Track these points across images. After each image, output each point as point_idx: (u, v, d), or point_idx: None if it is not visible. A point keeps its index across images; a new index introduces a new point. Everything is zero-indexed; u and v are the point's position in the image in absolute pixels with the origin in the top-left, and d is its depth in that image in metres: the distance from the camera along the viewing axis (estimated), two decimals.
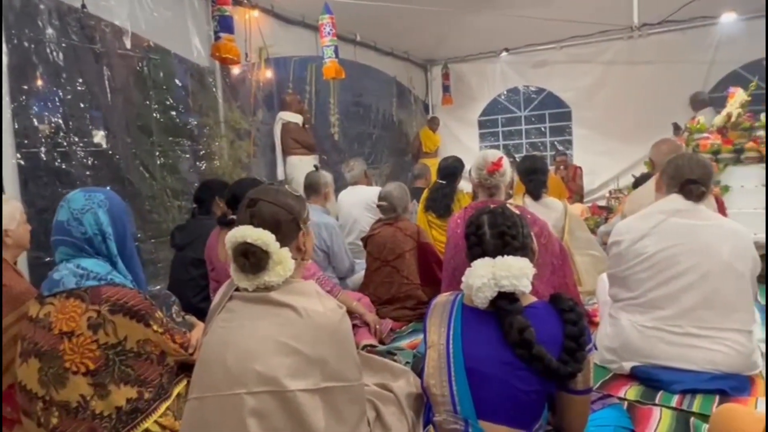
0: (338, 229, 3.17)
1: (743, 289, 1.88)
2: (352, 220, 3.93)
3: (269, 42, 4.66)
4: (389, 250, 2.95)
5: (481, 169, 2.43)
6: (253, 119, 4.68)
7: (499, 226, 1.38)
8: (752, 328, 1.90)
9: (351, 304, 2.46)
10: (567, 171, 6.28)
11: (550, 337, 1.27)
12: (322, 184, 3.19)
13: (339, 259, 3.10)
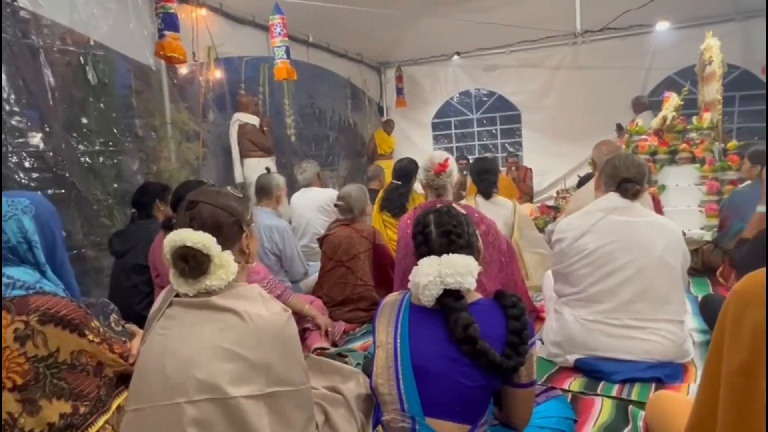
0: (291, 232, 3.13)
1: (675, 282, 1.98)
2: (305, 222, 3.89)
3: (218, 41, 4.55)
4: (344, 250, 2.94)
5: (429, 171, 2.48)
6: (203, 120, 4.55)
7: (444, 225, 1.40)
8: (684, 318, 2.01)
9: (302, 308, 2.43)
10: (518, 172, 6.46)
11: (493, 333, 1.30)
12: (274, 187, 3.13)
13: (292, 263, 3.06)
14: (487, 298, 1.39)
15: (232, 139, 4.60)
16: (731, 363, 0.96)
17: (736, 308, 0.96)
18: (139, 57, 3.88)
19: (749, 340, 0.92)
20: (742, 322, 0.94)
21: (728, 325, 0.98)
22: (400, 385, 1.29)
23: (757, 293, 0.93)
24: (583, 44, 6.23)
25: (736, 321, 0.96)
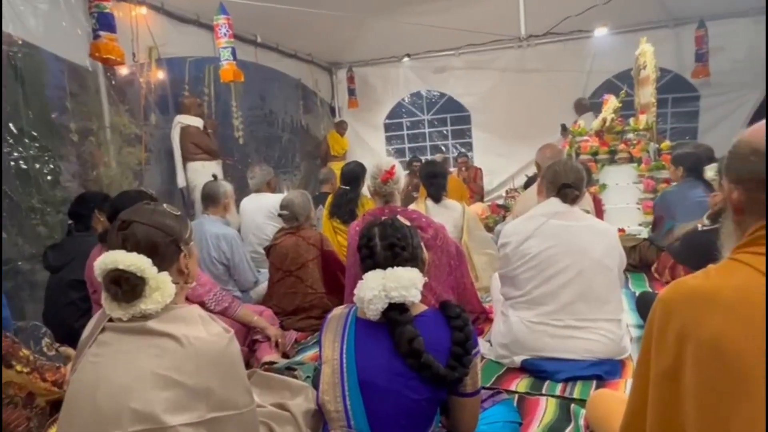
0: (239, 241, 3.05)
1: (612, 283, 2.07)
2: (255, 227, 3.81)
3: (160, 41, 4.37)
4: (292, 259, 2.89)
5: (376, 178, 2.49)
6: (144, 123, 4.37)
7: (389, 237, 1.40)
8: (621, 317, 2.11)
9: (251, 319, 2.37)
10: (468, 172, 6.58)
11: (438, 345, 1.31)
12: (221, 195, 3.05)
13: (241, 272, 2.99)
14: (432, 309, 1.41)
15: (174, 142, 4.43)
16: (658, 367, 1.01)
17: (662, 315, 1.01)
18: (73, 57, 3.67)
19: (673, 346, 0.97)
20: (667, 328, 0.99)
21: (655, 332, 1.03)
22: (347, 402, 1.29)
23: (680, 301, 0.98)
24: (528, 47, 6.41)
25: (661, 328, 1.01)
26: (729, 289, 0.92)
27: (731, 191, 1.01)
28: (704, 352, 0.91)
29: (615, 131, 5.06)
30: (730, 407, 0.88)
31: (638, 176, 4.77)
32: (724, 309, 0.90)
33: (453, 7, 5.47)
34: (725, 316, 0.89)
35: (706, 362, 0.91)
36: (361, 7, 5.43)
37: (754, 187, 0.96)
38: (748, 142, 1.01)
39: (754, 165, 0.96)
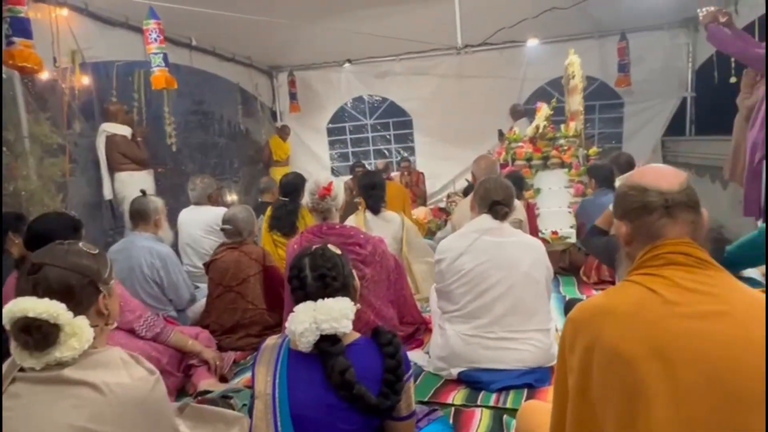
0: (174, 258, 2.94)
1: (540, 295, 2.18)
2: (192, 241, 3.69)
3: (84, 45, 4.13)
4: (232, 275, 2.83)
5: (313, 194, 2.50)
6: (68, 132, 4.11)
7: (319, 268, 1.40)
8: (549, 326, 2.22)
9: (186, 344, 2.30)
10: (411, 177, 6.68)
11: (370, 373, 1.33)
12: (152, 211, 2.92)
13: (176, 291, 2.88)
14: (364, 338, 1.42)
15: (99, 152, 4.20)
16: (572, 382, 1.11)
17: (571, 333, 1.11)
18: None
19: (582, 360, 1.06)
20: (575, 345, 1.09)
21: (567, 350, 1.13)
22: None
23: (586, 318, 1.09)
24: (466, 55, 6.57)
25: (571, 345, 1.10)
26: (625, 304, 1.04)
27: (620, 227, 1.15)
28: (606, 358, 1.01)
29: (547, 138, 5.30)
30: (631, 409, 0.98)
31: (569, 181, 5.02)
32: (621, 320, 1.02)
33: (393, 15, 5.52)
34: (622, 326, 1.01)
35: (609, 367, 1.01)
36: (300, 12, 5.37)
37: (636, 217, 1.10)
38: (626, 181, 1.16)
39: (633, 198, 1.10)
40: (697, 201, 1.11)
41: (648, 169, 1.17)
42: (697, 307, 0.99)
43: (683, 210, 1.08)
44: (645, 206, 1.08)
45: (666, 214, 1.07)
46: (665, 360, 0.96)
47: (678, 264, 1.05)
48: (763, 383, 0.93)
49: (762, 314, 0.99)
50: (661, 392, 0.95)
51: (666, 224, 1.07)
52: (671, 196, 1.07)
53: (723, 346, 0.96)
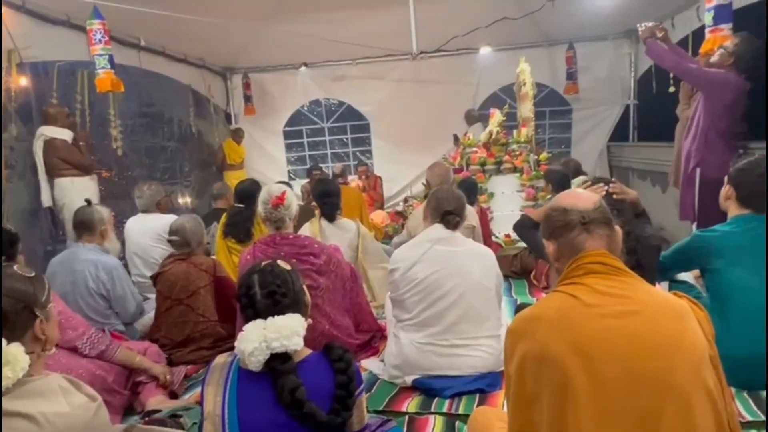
0: (121, 270, 2.84)
1: (491, 302, 2.25)
2: (141, 251, 3.57)
3: (22, 44, 3.92)
4: (182, 287, 2.75)
5: (266, 204, 2.47)
6: (4, 136, 3.88)
7: (269, 285, 1.40)
8: (500, 332, 2.28)
9: (133, 360, 2.22)
10: (368, 180, 6.70)
11: (321, 390, 1.34)
12: (97, 221, 2.80)
13: (123, 304, 2.78)
14: (315, 354, 1.43)
15: (36, 157, 3.99)
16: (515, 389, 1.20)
17: (511, 343, 1.21)
18: None
19: (517, 368, 1.16)
20: (513, 354, 1.18)
21: (508, 359, 1.21)
22: None
23: (521, 327, 1.19)
24: (421, 60, 6.66)
25: (510, 354, 1.21)
26: (551, 310, 1.17)
27: (548, 246, 1.28)
28: (538, 360, 1.12)
29: (500, 143, 5.46)
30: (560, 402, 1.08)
31: (521, 185, 5.19)
32: (548, 324, 1.13)
33: (348, 20, 5.53)
34: (549, 330, 1.12)
35: (540, 368, 1.11)
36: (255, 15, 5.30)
37: (560, 235, 1.24)
38: (549, 206, 1.32)
39: (556, 218, 1.25)
40: (611, 218, 1.25)
41: (567, 193, 1.35)
42: (612, 308, 1.12)
43: (599, 225, 1.22)
44: (567, 224, 1.22)
45: (584, 230, 1.21)
46: (586, 356, 1.07)
47: (596, 272, 1.18)
48: (673, 371, 1.05)
49: (671, 311, 1.13)
50: (584, 385, 1.06)
51: (585, 239, 1.21)
52: (588, 214, 1.21)
53: (636, 340, 1.08)
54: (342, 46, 5.71)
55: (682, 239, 2.35)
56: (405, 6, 4.49)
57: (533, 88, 5.56)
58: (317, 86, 7.33)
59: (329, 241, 3.20)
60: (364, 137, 7.68)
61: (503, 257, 3.88)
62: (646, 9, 5.44)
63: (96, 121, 4.77)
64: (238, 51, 6.56)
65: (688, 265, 2.37)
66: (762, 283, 2.03)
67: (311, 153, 7.85)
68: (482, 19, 5.08)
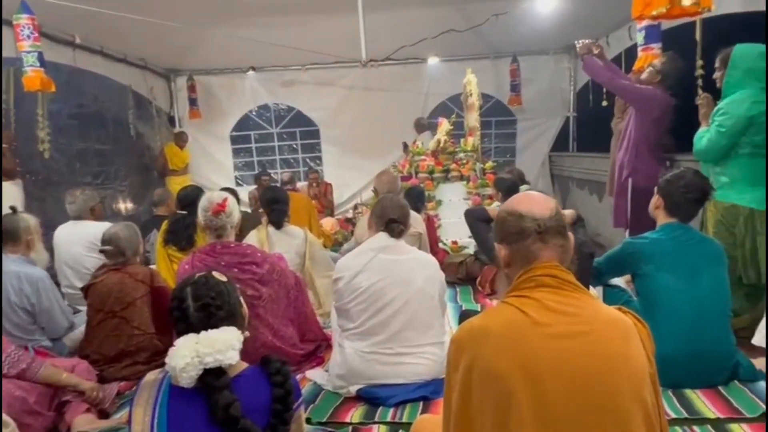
0: (48, 281, 2.64)
1: (435, 309, 2.26)
2: (72, 260, 3.36)
3: None
4: (116, 299, 2.59)
5: (206, 211, 2.40)
6: None
7: (203, 298, 1.34)
8: (444, 339, 2.30)
9: (59, 378, 2.07)
10: (318, 187, 6.64)
11: (258, 404, 1.29)
12: (22, 231, 2.61)
13: (50, 318, 2.59)
14: (252, 367, 1.38)
15: None
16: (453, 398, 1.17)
17: (455, 353, 1.18)
18: None
19: (464, 378, 1.12)
20: (458, 364, 1.15)
21: (451, 367, 1.18)
22: None
23: (467, 339, 1.16)
24: (372, 68, 6.69)
25: (455, 364, 1.17)
26: (498, 324, 1.12)
27: (500, 250, 1.23)
28: (483, 376, 1.09)
29: (448, 151, 5.56)
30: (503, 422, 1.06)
31: (467, 193, 5.30)
32: (495, 340, 1.10)
33: (297, 25, 5.48)
34: (495, 345, 1.09)
35: (485, 385, 1.08)
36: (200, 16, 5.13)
37: (514, 241, 1.19)
38: (503, 208, 1.25)
39: (511, 223, 1.20)
40: (565, 226, 1.22)
41: (523, 196, 1.27)
42: (561, 327, 1.09)
43: (554, 235, 1.18)
44: (521, 231, 1.17)
45: (539, 239, 1.17)
46: (533, 377, 1.05)
47: (547, 286, 1.14)
48: (616, 395, 1.05)
49: (617, 331, 1.12)
50: (529, 406, 1.04)
51: (540, 248, 1.17)
52: (543, 222, 1.16)
53: (584, 362, 1.06)
54: (291, 51, 5.64)
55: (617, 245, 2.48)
56: (354, 14, 4.49)
57: (479, 98, 5.72)
58: (266, 91, 7.22)
59: (276, 248, 3.14)
60: (314, 143, 7.62)
61: (449, 264, 3.95)
62: (583, 27, 5.72)
63: (22, 122, 4.46)
64: (183, 52, 6.34)
65: (620, 270, 2.48)
66: (686, 286, 2.17)
67: (259, 158, 7.70)
68: (430, 30, 5.18)
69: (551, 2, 4.32)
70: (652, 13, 1.66)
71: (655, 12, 1.65)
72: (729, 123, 2.60)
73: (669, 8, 1.63)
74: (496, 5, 4.71)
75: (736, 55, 2.62)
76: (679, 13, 1.67)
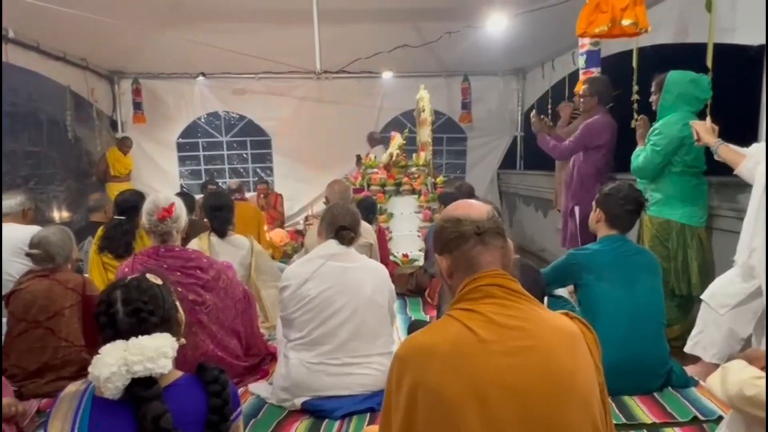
0: None
1: (383, 319, 2.23)
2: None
3: None
4: (41, 307, 2.39)
5: (152, 215, 2.28)
6: None
7: (133, 302, 1.24)
8: (392, 349, 2.26)
9: None
10: (268, 198, 6.49)
11: (192, 415, 1.20)
12: None
13: None
14: (187, 375, 1.28)
15: None
16: (396, 419, 1.10)
17: (398, 371, 1.12)
18: None
19: (407, 396, 1.07)
20: (401, 384, 1.09)
21: (394, 386, 1.12)
22: None
23: (411, 356, 1.11)
24: (326, 80, 6.68)
25: (398, 383, 1.11)
26: (444, 343, 1.07)
27: (441, 262, 1.19)
28: (429, 396, 1.04)
29: (400, 165, 5.58)
30: None
31: (419, 206, 5.34)
32: (441, 360, 1.05)
33: (251, 32, 5.38)
34: (442, 366, 1.04)
35: (431, 406, 1.03)
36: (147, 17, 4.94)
37: (455, 247, 1.16)
38: (440, 218, 1.23)
39: (450, 229, 1.16)
40: (503, 228, 1.20)
41: (458, 203, 1.25)
42: (508, 343, 1.06)
43: (493, 236, 1.16)
44: (461, 235, 1.15)
45: (479, 241, 1.14)
46: (482, 398, 1.01)
47: (493, 296, 1.11)
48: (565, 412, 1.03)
49: (565, 341, 1.09)
50: (477, 427, 1.00)
51: (481, 251, 1.14)
52: (482, 224, 1.14)
53: (531, 379, 1.03)
54: (244, 58, 5.53)
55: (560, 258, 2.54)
56: (310, 25, 4.47)
57: (432, 114, 5.80)
58: (216, 98, 7.03)
59: (219, 258, 3.01)
60: (265, 153, 7.47)
61: (400, 276, 3.94)
62: (531, 51, 5.99)
63: None
64: (128, 54, 6.07)
65: (564, 281, 2.55)
66: (623, 294, 2.25)
67: (207, 167, 7.46)
68: (385, 44, 5.23)
69: (501, 25, 4.46)
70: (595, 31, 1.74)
71: (597, 30, 1.73)
72: (663, 142, 2.76)
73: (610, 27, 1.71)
74: (450, 24, 4.82)
75: (669, 81, 2.80)
76: (618, 32, 1.76)
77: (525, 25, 4.46)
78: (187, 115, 7.10)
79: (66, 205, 5.80)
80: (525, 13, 4.12)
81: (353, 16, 4.92)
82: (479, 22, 4.57)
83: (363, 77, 6.72)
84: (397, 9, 4.69)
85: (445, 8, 4.58)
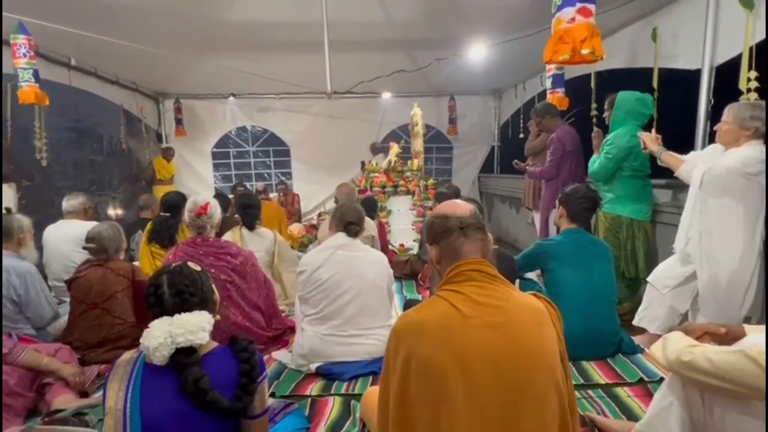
0: (35, 275, 2.41)
1: (383, 298, 2.23)
2: (60, 255, 3.09)
3: None
4: (98, 292, 2.39)
5: (191, 212, 2.30)
6: None
7: (177, 285, 1.25)
8: (390, 322, 2.27)
9: (40, 362, 1.88)
10: (287, 197, 6.49)
11: (225, 379, 1.21)
12: (15, 229, 2.38)
13: (36, 308, 2.36)
14: (221, 346, 1.29)
15: None
16: (392, 383, 1.11)
17: (394, 342, 1.12)
18: None
19: (402, 366, 1.07)
20: (398, 354, 1.10)
21: (391, 355, 1.12)
22: None
23: (406, 330, 1.11)
24: (336, 99, 6.66)
25: (394, 353, 1.11)
26: (433, 319, 1.08)
27: (431, 251, 1.22)
28: (421, 368, 1.04)
29: (397, 170, 5.58)
30: (439, 407, 1.02)
31: (413, 204, 5.34)
32: (431, 334, 1.05)
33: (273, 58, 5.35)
34: (431, 339, 1.05)
35: (423, 376, 1.04)
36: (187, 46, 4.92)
37: (441, 239, 1.18)
38: (431, 214, 1.27)
39: (438, 224, 1.19)
40: (483, 224, 1.22)
41: (447, 203, 1.33)
42: (486, 318, 1.06)
43: (474, 230, 1.17)
44: (447, 229, 1.17)
45: (463, 234, 1.16)
46: (464, 365, 1.02)
47: (474, 280, 1.12)
48: (532, 380, 1.03)
49: (534, 318, 1.10)
50: (461, 392, 1.01)
51: (463, 242, 1.16)
52: (465, 220, 1.17)
53: (505, 348, 1.04)
54: (267, 81, 5.53)
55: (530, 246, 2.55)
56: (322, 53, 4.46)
57: (423, 128, 5.79)
58: (244, 114, 7.00)
59: (249, 247, 3.02)
60: (285, 160, 7.45)
61: (397, 262, 3.94)
62: (506, 74, 5.96)
63: (19, 132, 4.10)
64: (170, 78, 6.06)
65: (532, 266, 2.55)
66: (582, 278, 2.25)
67: (237, 172, 7.45)
68: (384, 69, 5.22)
69: (482, 53, 4.46)
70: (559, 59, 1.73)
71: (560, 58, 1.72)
72: (615, 151, 2.76)
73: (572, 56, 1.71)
74: (439, 52, 4.82)
75: (619, 99, 2.79)
76: (579, 60, 1.75)
77: (501, 53, 4.45)
78: (220, 129, 7.07)
79: (121, 204, 5.80)
80: (501, 43, 4.12)
81: (358, 46, 4.91)
82: (463, 50, 4.58)
83: (366, 97, 6.69)
84: (395, 40, 4.69)
85: (435, 39, 4.57)
